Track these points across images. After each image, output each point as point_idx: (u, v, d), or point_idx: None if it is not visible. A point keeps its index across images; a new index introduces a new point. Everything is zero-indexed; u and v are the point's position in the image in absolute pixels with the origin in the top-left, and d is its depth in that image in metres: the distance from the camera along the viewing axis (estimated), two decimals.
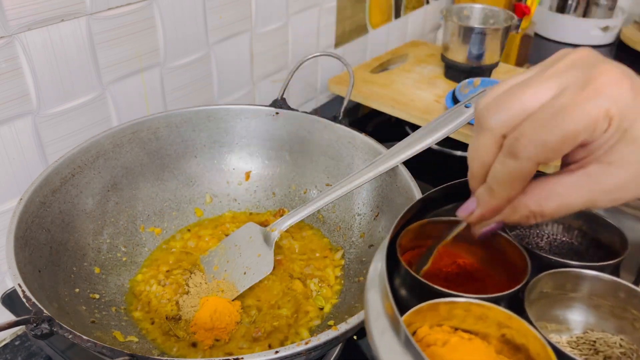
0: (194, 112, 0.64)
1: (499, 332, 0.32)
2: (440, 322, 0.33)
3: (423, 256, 0.38)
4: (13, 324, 0.38)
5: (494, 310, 0.31)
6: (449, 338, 0.32)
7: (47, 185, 0.52)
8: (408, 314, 0.31)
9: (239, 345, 0.51)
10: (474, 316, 0.32)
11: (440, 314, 0.32)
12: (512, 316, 0.31)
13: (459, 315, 0.32)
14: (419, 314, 0.32)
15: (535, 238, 0.43)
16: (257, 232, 0.59)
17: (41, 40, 0.55)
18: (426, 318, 0.32)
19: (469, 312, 0.32)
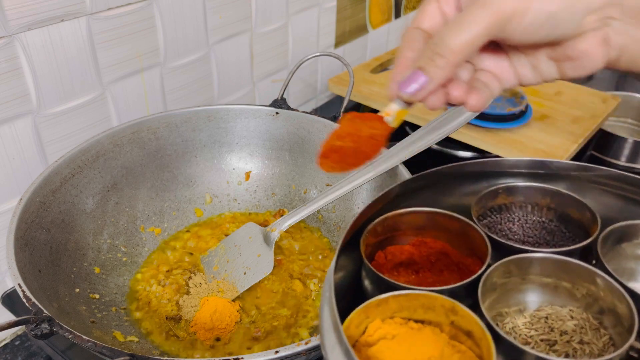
0: (194, 112, 0.64)
1: (448, 319, 0.33)
2: (393, 314, 0.34)
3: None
4: (13, 324, 0.38)
5: (440, 300, 0.33)
6: (399, 330, 0.33)
7: (47, 185, 0.52)
8: (357, 310, 0.32)
9: (239, 345, 0.51)
10: (423, 306, 0.34)
11: (391, 307, 0.34)
12: (455, 304, 0.32)
13: (409, 307, 0.34)
14: (369, 309, 0.33)
15: (507, 223, 0.43)
16: (257, 232, 0.59)
17: (41, 40, 0.55)
18: (378, 312, 0.34)
19: (418, 303, 0.33)
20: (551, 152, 0.74)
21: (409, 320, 0.34)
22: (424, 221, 0.40)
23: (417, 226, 0.41)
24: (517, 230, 0.43)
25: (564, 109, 0.87)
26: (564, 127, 0.81)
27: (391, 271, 0.40)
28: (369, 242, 0.39)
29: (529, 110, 0.83)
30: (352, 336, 0.33)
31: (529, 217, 0.43)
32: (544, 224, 0.43)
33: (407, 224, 0.41)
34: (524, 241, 0.42)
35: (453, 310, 0.33)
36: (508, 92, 0.86)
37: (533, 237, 0.43)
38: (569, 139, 0.78)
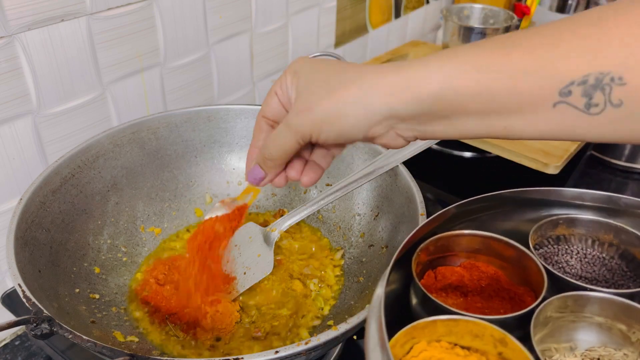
0: (194, 112, 0.64)
1: (496, 350, 0.33)
2: (439, 337, 0.34)
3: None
4: (13, 324, 0.38)
5: (490, 329, 0.32)
6: (443, 354, 0.33)
7: (47, 185, 0.52)
8: (404, 330, 0.32)
9: (239, 345, 0.51)
10: (471, 333, 0.33)
11: (438, 331, 0.33)
12: (506, 336, 0.31)
13: (456, 333, 0.33)
14: (416, 330, 0.33)
15: (565, 255, 0.42)
16: (257, 232, 0.59)
17: (41, 40, 0.55)
18: (424, 334, 0.33)
19: (466, 329, 0.33)
20: (551, 152, 0.74)
21: (455, 346, 0.34)
22: (478, 245, 0.40)
23: (471, 249, 0.40)
24: (574, 264, 0.42)
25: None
26: None
27: (439, 292, 0.40)
28: (420, 260, 0.38)
29: None
30: (397, 355, 0.33)
31: (589, 252, 0.42)
32: (604, 261, 0.41)
33: (460, 246, 0.40)
34: (581, 276, 0.41)
35: (503, 341, 0.32)
36: None
37: (591, 272, 0.41)
38: None
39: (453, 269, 0.41)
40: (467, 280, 0.41)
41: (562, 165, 0.73)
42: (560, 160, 0.73)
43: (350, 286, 0.57)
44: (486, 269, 0.41)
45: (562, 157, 0.73)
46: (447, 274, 0.41)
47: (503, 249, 0.39)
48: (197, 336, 0.52)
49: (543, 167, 0.73)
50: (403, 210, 0.54)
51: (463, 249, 0.41)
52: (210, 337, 0.51)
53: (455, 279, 0.41)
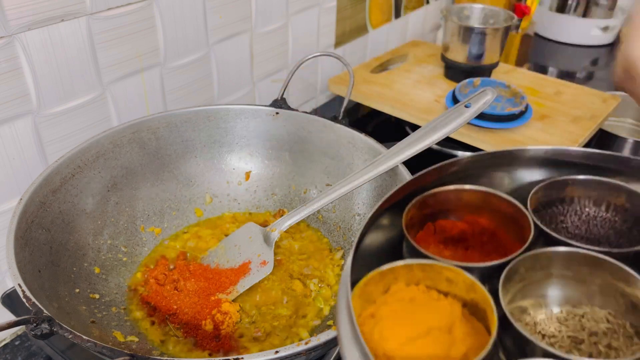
0: (194, 112, 0.64)
1: (469, 296, 0.34)
2: (418, 281, 0.36)
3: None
4: (13, 324, 0.38)
5: (462, 276, 0.34)
6: (418, 295, 0.35)
7: (47, 185, 0.52)
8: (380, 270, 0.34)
9: (239, 345, 0.51)
10: (447, 280, 0.35)
11: (416, 275, 0.35)
12: (475, 283, 0.33)
13: (433, 278, 0.35)
14: (394, 272, 0.34)
15: (572, 216, 0.41)
16: (257, 232, 0.59)
17: (41, 40, 0.55)
18: (403, 276, 0.35)
19: (442, 276, 0.35)
20: None
21: (432, 290, 0.35)
22: (479, 201, 0.40)
23: (472, 205, 0.40)
24: (580, 225, 0.41)
25: (564, 109, 0.87)
26: (564, 127, 0.81)
27: (438, 244, 0.40)
28: (420, 213, 0.39)
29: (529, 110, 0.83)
30: (372, 294, 0.35)
31: (599, 214, 0.40)
32: (614, 224, 0.40)
33: (461, 201, 0.40)
34: (586, 237, 0.40)
35: (472, 288, 0.33)
36: (508, 92, 0.86)
37: (597, 234, 0.40)
38: (569, 139, 0.78)
39: (454, 222, 0.41)
40: (469, 235, 0.41)
41: None
42: None
43: None
44: (487, 224, 0.41)
45: None
46: (447, 227, 0.41)
47: (503, 206, 0.39)
48: (197, 336, 0.52)
49: None
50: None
51: (464, 205, 0.41)
52: (210, 337, 0.51)
53: (457, 232, 0.41)
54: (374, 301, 0.35)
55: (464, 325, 0.33)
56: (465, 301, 0.35)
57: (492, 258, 0.39)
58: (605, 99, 0.90)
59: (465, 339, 0.32)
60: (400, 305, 0.34)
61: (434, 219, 0.41)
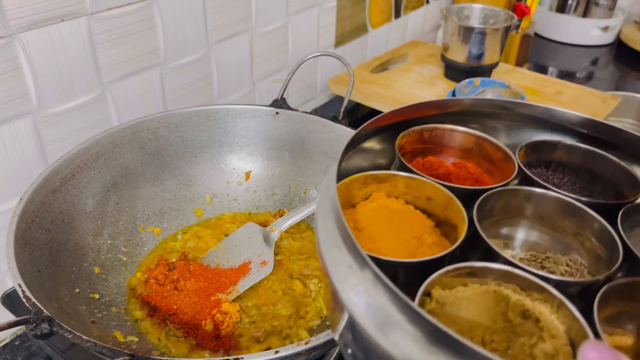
0: (194, 112, 0.64)
1: (444, 213, 0.36)
2: (399, 195, 0.37)
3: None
4: (13, 324, 0.38)
5: (442, 191, 0.35)
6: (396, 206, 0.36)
7: (47, 185, 0.52)
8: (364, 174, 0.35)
9: (238, 345, 0.51)
10: (427, 197, 0.36)
11: (399, 188, 0.36)
12: (452, 198, 0.34)
13: (413, 194, 0.36)
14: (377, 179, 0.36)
15: (554, 179, 0.42)
16: (257, 232, 0.59)
17: (41, 40, 0.55)
18: (385, 187, 0.36)
19: (423, 192, 0.36)
20: None
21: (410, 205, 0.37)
22: (471, 144, 0.41)
23: (463, 148, 0.41)
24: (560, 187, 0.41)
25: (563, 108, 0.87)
26: None
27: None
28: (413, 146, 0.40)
29: None
30: (354, 195, 0.36)
31: (578, 182, 0.42)
32: (592, 192, 0.41)
33: (453, 142, 0.41)
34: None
35: (449, 204, 0.34)
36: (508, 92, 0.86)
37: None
38: None
39: (442, 162, 0.42)
40: (454, 178, 0.42)
41: None
42: None
43: None
44: (474, 170, 0.42)
45: None
46: (435, 164, 0.42)
47: (493, 153, 0.40)
48: (197, 336, 0.52)
49: None
50: None
51: (456, 146, 0.42)
52: (210, 337, 0.51)
53: (443, 172, 0.42)
54: (353, 205, 0.36)
55: (433, 236, 0.35)
56: (439, 220, 0.36)
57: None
58: (605, 99, 0.90)
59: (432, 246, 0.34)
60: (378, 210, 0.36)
61: (423, 155, 0.42)
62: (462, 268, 0.29)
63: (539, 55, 1.34)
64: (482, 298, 0.30)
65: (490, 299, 0.30)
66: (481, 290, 0.30)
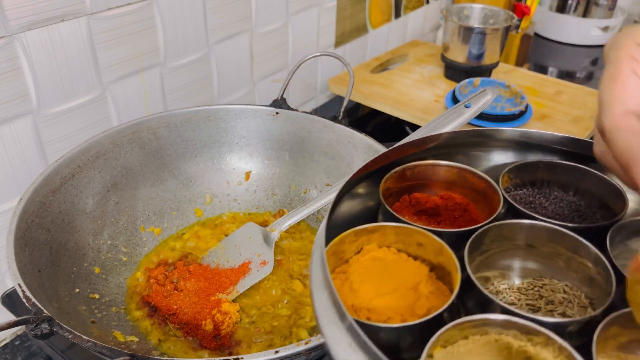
0: (194, 112, 0.64)
1: (436, 259, 0.36)
2: (390, 244, 0.37)
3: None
4: (13, 324, 0.38)
5: (431, 239, 0.35)
6: (388, 256, 0.37)
7: (47, 185, 0.52)
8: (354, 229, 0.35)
9: (239, 345, 0.51)
10: (417, 243, 0.36)
11: (389, 237, 0.37)
12: (443, 245, 0.34)
13: (404, 241, 0.37)
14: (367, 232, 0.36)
15: (540, 198, 0.43)
16: (257, 232, 0.59)
17: (41, 40, 0.55)
18: (375, 238, 0.37)
19: (413, 239, 0.36)
20: None
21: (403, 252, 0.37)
22: (454, 177, 0.41)
23: (447, 181, 0.42)
24: (547, 206, 0.42)
25: (564, 109, 0.87)
26: (564, 127, 0.81)
27: (412, 216, 0.42)
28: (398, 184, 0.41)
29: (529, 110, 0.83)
30: (346, 251, 0.36)
31: (566, 198, 0.42)
32: (579, 207, 0.42)
33: (437, 176, 0.42)
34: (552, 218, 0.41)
35: (440, 251, 0.35)
36: (508, 92, 0.86)
37: (562, 215, 0.41)
38: None
39: (429, 196, 0.43)
40: (442, 210, 0.43)
41: None
42: None
43: None
44: (460, 200, 0.42)
45: None
46: (422, 200, 0.43)
47: (476, 182, 0.41)
48: (197, 336, 0.52)
49: None
50: None
51: (439, 180, 0.42)
52: (210, 337, 0.51)
53: (430, 206, 0.42)
54: (346, 260, 0.36)
55: (429, 285, 0.35)
56: (432, 265, 0.36)
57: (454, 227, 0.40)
58: None
59: (430, 297, 0.34)
60: (371, 263, 0.36)
61: (409, 192, 0.43)
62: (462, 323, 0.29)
63: (539, 55, 1.34)
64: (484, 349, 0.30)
65: (493, 348, 0.30)
66: (482, 341, 0.30)
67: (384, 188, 0.39)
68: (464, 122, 0.53)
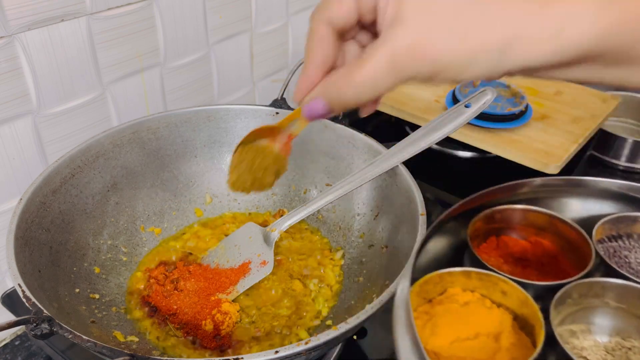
0: (194, 112, 0.64)
1: (520, 310, 0.35)
2: (474, 289, 0.37)
3: None
4: (13, 324, 0.38)
5: (517, 290, 0.35)
6: (471, 301, 0.36)
7: (47, 185, 0.52)
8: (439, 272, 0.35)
9: (238, 345, 0.51)
10: (502, 291, 0.36)
11: (473, 282, 0.37)
12: (528, 298, 0.34)
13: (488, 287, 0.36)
14: (452, 275, 0.36)
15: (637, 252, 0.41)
16: (257, 232, 0.59)
17: (41, 40, 0.55)
18: (460, 282, 0.37)
19: (498, 287, 0.36)
20: (551, 152, 0.74)
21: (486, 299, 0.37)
22: (544, 223, 0.41)
23: (536, 226, 0.41)
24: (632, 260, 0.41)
25: (564, 108, 0.87)
26: (564, 127, 0.81)
27: (498, 259, 0.41)
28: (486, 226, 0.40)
29: (529, 110, 0.83)
30: (429, 291, 0.36)
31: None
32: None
33: (527, 220, 0.41)
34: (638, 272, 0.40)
35: (525, 303, 0.34)
36: (508, 92, 0.86)
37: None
38: (569, 139, 0.78)
39: (517, 241, 0.42)
40: (530, 255, 0.42)
41: (563, 165, 0.73)
42: (561, 160, 0.73)
43: (350, 286, 0.57)
44: (549, 248, 0.41)
45: (562, 157, 0.73)
46: (510, 243, 0.42)
47: (568, 232, 0.40)
48: (197, 336, 0.52)
49: (543, 167, 0.73)
50: (403, 210, 0.54)
51: (529, 224, 0.42)
52: (210, 337, 0.51)
53: (518, 250, 0.42)
54: (429, 300, 0.36)
55: (511, 336, 0.34)
56: (516, 315, 0.35)
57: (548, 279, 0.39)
58: (605, 99, 0.90)
59: (511, 349, 0.33)
60: (454, 307, 0.36)
61: (497, 234, 0.42)
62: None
63: None
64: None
65: None
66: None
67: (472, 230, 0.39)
68: (464, 122, 0.53)
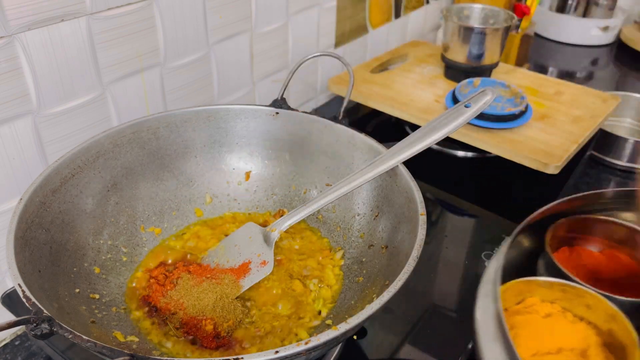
0: (194, 112, 0.64)
1: (606, 326, 0.33)
2: (554, 300, 0.35)
3: None
4: (13, 324, 0.38)
5: (604, 303, 0.32)
6: (553, 313, 0.34)
7: (47, 185, 0.52)
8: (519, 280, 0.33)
9: (238, 345, 0.51)
10: (585, 304, 0.34)
11: (554, 293, 0.34)
12: (618, 313, 0.31)
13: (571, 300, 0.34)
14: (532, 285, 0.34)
15: None
16: (257, 232, 0.59)
17: (41, 40, 0.55)
18: (540, 292, 0.34)
19: (583, 300, 0.34)
20: (551, 152, 0.74)
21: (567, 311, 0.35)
22: (623, 236, 0.39)
23: (614, 238, 0.39)
24: None
25: (564, 109, 0.87)
26: (564, 127, 0.81)
27: (571, 270, 0.39)
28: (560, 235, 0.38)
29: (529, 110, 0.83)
30: (507, 300, 0.34)
31: None
32: None
33: (605, 232, 0.39)
34: None
35: (614, 318, 0.32)
36: (508, 92, 0.86)
37: None
38: (569, 139, 0.78)
39: (592, 253, 0.39)
40: (604, 268, 0.39)
41: (563, 165, 0.73)
42: (561, 160, 0.73)
43: (350, 286, 0.57)
44: (627, 261, 0.39)
45: (562, 157, 0.73)
46: (584, 255, 0.40)
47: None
48: (197, 336, 0.52)
49: (543, 167, 0.73)
50: (403, 210, 0.54)
51: (606, 236, 0.39)
52: (210, 337, 0.51)
53: (592, 263, 0.40)
54: (506, 309, 0.35)
55: (599, 354, 0.32)
56: (600, 331, 0.33)
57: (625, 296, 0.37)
58: (605, 99, 0.90)
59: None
60: (534, 318, 0.34)
61: (570, 244, 0.40)
62: None
63: (539, 55, 1.34)
64: None
65: None
66: None
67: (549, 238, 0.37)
68: (464, 122, 0.53)
